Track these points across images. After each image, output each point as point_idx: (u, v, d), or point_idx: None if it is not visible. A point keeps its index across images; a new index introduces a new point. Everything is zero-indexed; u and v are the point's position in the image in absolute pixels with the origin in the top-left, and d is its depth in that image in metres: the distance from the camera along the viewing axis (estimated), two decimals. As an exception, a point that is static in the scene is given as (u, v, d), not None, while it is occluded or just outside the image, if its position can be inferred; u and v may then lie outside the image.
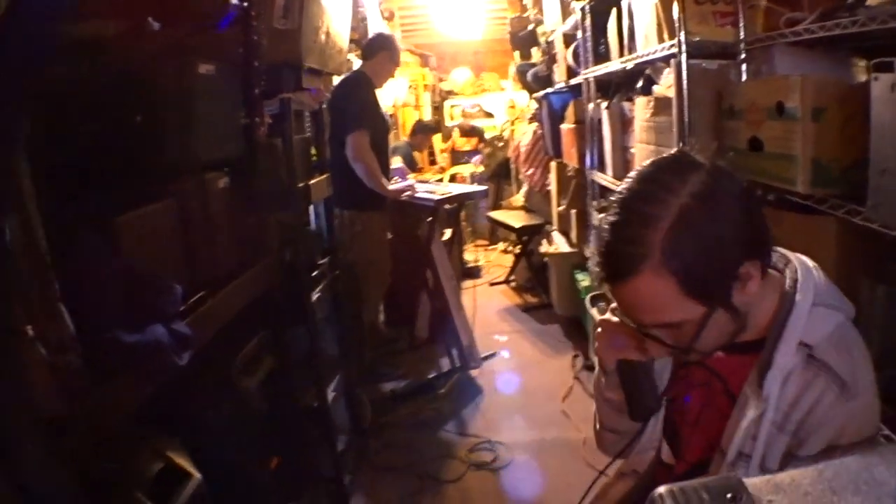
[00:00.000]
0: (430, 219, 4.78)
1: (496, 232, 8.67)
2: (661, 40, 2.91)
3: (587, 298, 4.54)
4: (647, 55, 3.06)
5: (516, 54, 8.60)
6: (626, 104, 3.66)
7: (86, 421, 1.43)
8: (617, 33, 3.65)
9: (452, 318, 4.84)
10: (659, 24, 2.91)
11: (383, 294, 4.89)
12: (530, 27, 7.27)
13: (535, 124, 6.89)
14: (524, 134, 7.17)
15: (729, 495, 0.62)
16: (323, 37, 3.16)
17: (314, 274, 3.22)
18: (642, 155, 3.13)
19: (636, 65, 3.38)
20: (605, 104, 3.93)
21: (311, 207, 3.52)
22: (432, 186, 5.36)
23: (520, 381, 4.88)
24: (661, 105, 2.87)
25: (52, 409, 1.31)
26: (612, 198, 1.29)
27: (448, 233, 5.68)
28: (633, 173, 1.30)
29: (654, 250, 1.18)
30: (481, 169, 9.46)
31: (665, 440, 1.63)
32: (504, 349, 5.45)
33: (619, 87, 4.16)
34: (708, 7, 2.69)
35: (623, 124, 3.71)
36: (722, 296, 1.24)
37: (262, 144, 2.73)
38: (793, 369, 1.26)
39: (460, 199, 5.26)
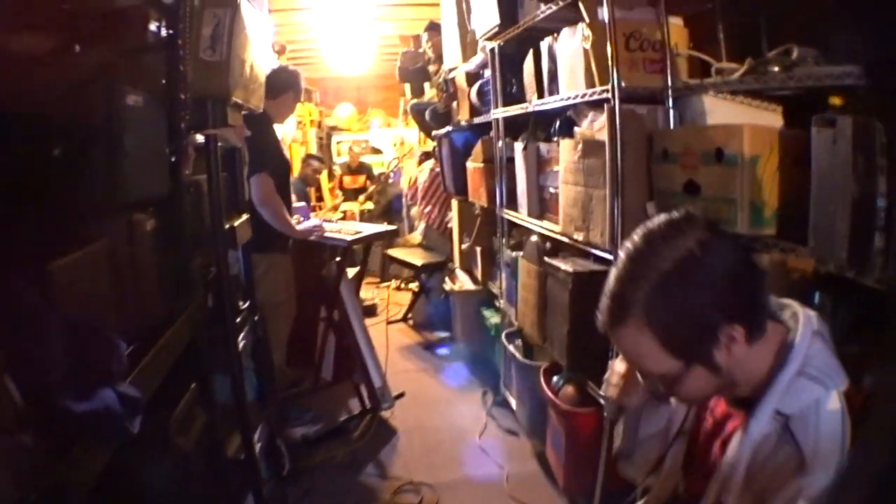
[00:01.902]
0: (338, 259, 4.72)
1: (388, 269, 8.61)
2: (589, 85, 2.96)
3: (503, 336, 4.55)
4: (576, 98, 3.10)
5: (406, 89, 8.62)
6: (542, 145, 3.70)
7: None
8: (534, 75, 3.70)
9: (363, 357, 4.76)
10: (588, 69, 2.96)
11: (287, 336, 4.76)
12: (420, 64, 7.30)
13: (430, 162, 6.91)
14: (420, 171, 7.19)
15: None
16: (248, 70, 3.04)
17: (238, 320, 3.11)
18: (569, 195, 3.18)
19: (559, 107, 3.43)
20: (519, 144, 3.96)
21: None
22: (339, 225, 5.30)
23: (433, 419, 4.86)
24: (591, 148, 2.92)
25: (6, 496, 1.20)
26: (620, 250, 1.40)
27: (353, 271, 5.59)
28: (640, 228, 1.40)
29: (637, 308, 1.32)
30: (370, 206, 9.42)
31: (682, 472, 1.68)
32: (412, 388, 5.37)
33: (527, 127, 4.23)
34: (638, 55, 2.78)
35: (539, 164, 3.76)
36: (700, 355, 1.33)
37: (187, 183, 2.63)
38: (767, 436, 1.34)
39: (372, 239, 5.19)
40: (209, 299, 2.84)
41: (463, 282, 5.78)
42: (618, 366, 1.70)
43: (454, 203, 6.05)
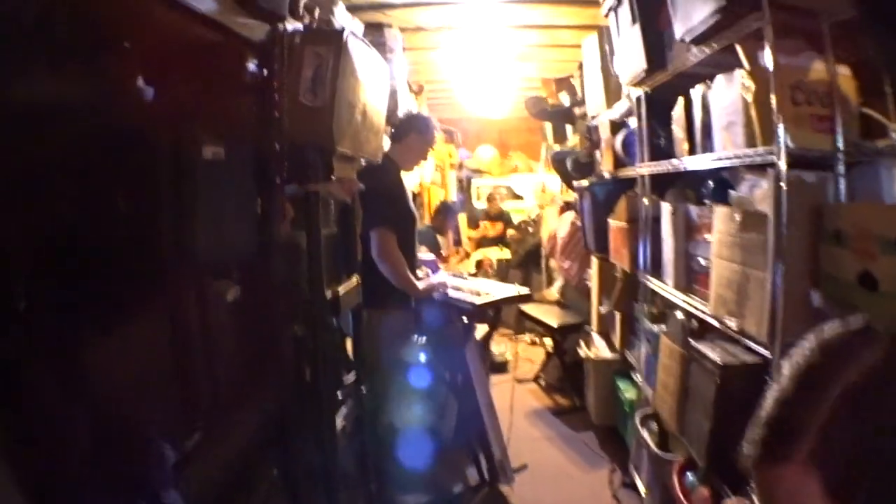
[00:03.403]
0: (465, 319, 4.35)
1: (522, 321, 8.18)
2: (750, 142, 2.52)
3: (637, 417, 4.09)
4: (734, 158, 2.65)
5: (548, 133, 8.29)
6: (692, 208, 3.25)
7: None
8: (685, 127, 3.25)
9: (484, 427, 4.38)
10: (748, 124, 2.52)
11: (403, 393, 4.40)
12: (546, 107, 6.96)
13: (570, 213, 6.51)
14: (561, 223, 6.77)
15: None
16: (359, 116, 2.70)
17: (339, 396, 2.78)
18: (722, 272, 2.72)
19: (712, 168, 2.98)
20: (666, 205, 3.51)
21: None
22: (469, 283, 4.85)
23: (554, 497, 4.46)
24: (752, 220, 2.46)
25: None
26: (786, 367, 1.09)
27: (482, 330, 5.20)
28: (811, 340, 1.08)
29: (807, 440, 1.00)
30: (508, 255, 9.07)
31: None
32: (535, 459, 4.97)
33: (675, 183, 3.79)
34: (804, 109, 2.34)
35: (688, 230, 3.31)
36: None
37: (281, 245, 2.32)
38: None
39: (502, 304, 4.75)
40: (307, 373, 2.54)
41: (599, 348, 5.33)
42: None
43: (594, 261, 5.59)
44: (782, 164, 2.27)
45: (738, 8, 2.43)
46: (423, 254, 4.98)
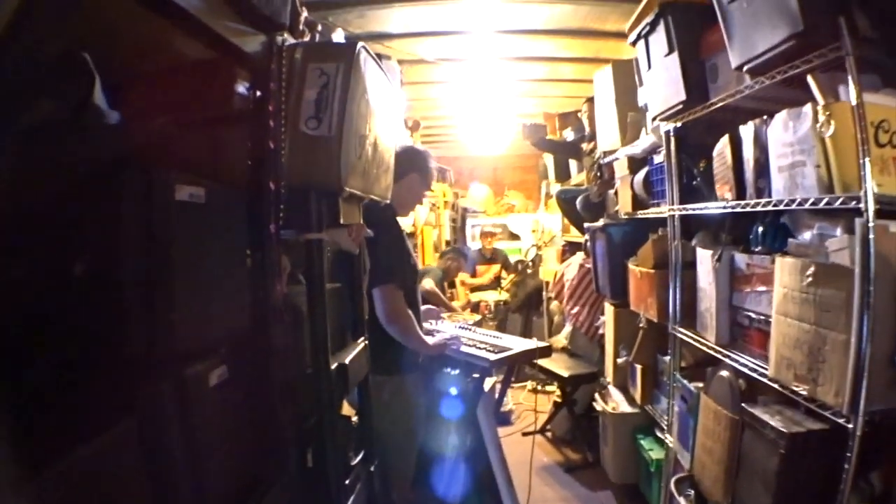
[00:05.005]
0: (476, 376, 3.96)
1: (523, 368, 7.75)
2: (823, 185, 2.20)
3: (672, 482, 3.70)
4: (804, 203, 2.30)
5: (549, 169, 7.98)
6: (738, 256, 2.91)
7: None
8: (732, 167, 2.89)
9: (499, 493, 4.00)
10: (823, 165, 2.19)
11: (414, 462, 3.98)
12: (570, 139, 6.65)
13: (579, 255, 6.16)
14: (568, 266, 6.42)
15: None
16: (369, 149, 2.28)
17: (347, 481, 2.39)
18: (789, 332, 2.37)
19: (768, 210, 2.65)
20: (705, 252, 3.16)
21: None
22: (479, 335, 4.44)
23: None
24: (829, 275, 2.14)
25: None
26: None
27: (491, 381, 4.78)
28: None
29: None
30: (506, 297, 8.71)
31: None
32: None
33: (705, 226, 3.46)
34: (888, 151, 2.09)
35: (734, 280, 2.96)
36: None
37: (276, 307, 1.94)
38: None
39: (520, 360, 4.36)
40: (310, 460, 2.16)
41: (617, 402, 4.94)
42: None
43: (608, 307, 5.20)
44: (870, 214, 2.00)
45: (813, 37, 2.14)
46: (426, 306, 4.57)
